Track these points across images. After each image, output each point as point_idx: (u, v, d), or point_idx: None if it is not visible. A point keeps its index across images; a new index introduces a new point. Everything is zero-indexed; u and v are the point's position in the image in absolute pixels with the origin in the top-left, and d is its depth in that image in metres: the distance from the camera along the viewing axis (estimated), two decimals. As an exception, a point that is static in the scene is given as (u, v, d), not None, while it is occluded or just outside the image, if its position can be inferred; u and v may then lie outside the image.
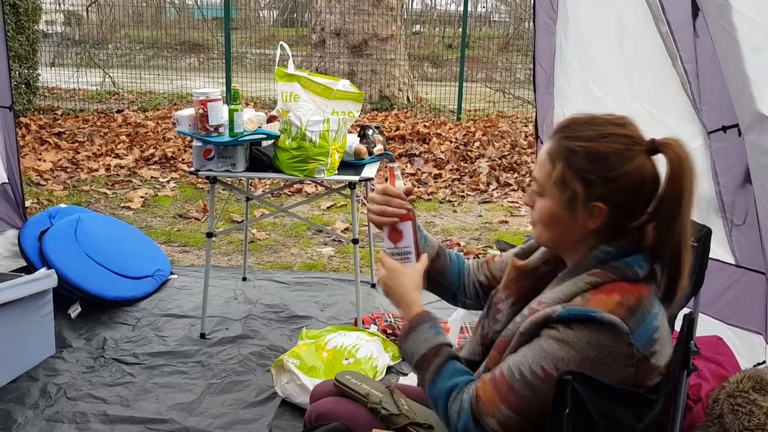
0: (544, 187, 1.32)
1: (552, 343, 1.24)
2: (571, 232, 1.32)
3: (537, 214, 1.36)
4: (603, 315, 1.21)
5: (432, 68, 12.16)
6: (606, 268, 1.28)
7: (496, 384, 1.28)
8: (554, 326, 1.25)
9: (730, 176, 2.27)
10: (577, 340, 1.22)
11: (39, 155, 6.61)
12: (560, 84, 3.24)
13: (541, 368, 1.24)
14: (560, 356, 1.23)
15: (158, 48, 12.13)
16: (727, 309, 2.39)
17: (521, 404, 1.25)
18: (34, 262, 3.40)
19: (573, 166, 1.28)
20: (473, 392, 1.30)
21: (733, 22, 1.90)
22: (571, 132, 1.31)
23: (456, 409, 1.30)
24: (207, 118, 2.89)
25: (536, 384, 1.24)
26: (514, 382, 1.26)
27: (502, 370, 1.29)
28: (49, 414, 2.58)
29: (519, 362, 1.27)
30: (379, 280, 1.46)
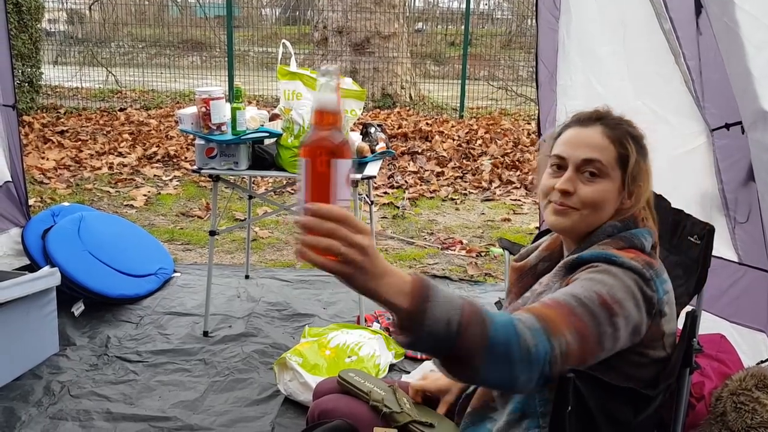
0: (608, 169, 1.34)
1: (596, 274, 1.23)
2: (609, 213, 1.37)
3: (591, 196, 1.34)
4: (624, 259, 1.25)
5: (434, 66, 12.15)
6: (615, 238, 1.34)
7: (555, 309, 1.14)
8: (586, 267, 1.27)
9: (733, 174, 2.27)
10: (618, 272, 1.23)
11: (42, 154, 6.62)
12: (563, 81, 3.23)
13: (597, 294, 1.18)
14: (609, 283, 1.20)
15: (161, 46, 12.14)
16: (730, 307, 2.38)
17: (583, 328, 1.14)
18: (37, 260, 3.41)
19: (638, 148, 1.37)
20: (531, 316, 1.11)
21: (736, 19, 1.89)
22: (621, 120, 1.39)
23: (530, 336, 1.07)
24: (209, 117, 2.89)
25: (593, 308, 1.16)
26: (574, 307, 1.15)
27: (556, 299, 1.17)
28: (52, 412, 2.59)
29: (570, 291, 1.19)
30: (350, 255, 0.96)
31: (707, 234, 1.73)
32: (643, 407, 1.30)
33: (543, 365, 1.07)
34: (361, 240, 0.95)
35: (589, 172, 1.34)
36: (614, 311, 1.17)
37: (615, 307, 1.17)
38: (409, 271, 1.40)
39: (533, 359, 1.06)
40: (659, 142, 1.40)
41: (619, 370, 1.26)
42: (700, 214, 1.92)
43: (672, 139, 2.49)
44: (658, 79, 2.58)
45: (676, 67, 2.43)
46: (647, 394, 1.30)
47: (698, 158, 2.40)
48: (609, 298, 1.17)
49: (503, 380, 1.08)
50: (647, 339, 1.25)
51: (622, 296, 1.19)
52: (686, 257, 1.81)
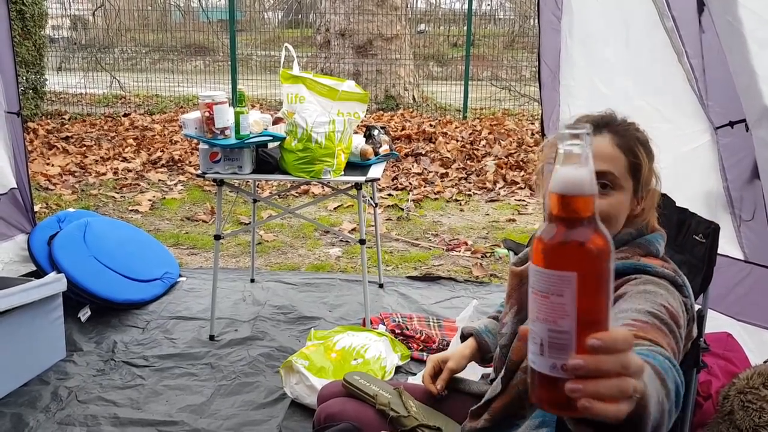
0: (620, 180, 1.30)
1: (648, 286, 1.16)
2: (621, 223, 1.33)
3: (606, 210, 1.28)
4: (658, 269, 1.22)
5: (437, 67, 12.16)
6: (631, 245, 1.32)
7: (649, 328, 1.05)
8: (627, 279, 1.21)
9: (738, 172, 2.26)
10: (659, 281, 1.19)
11: (47, 160, 6.64)
12: (566, 82, 3.23)
13: (663, 306, 1.12)
14: (663, 294, 1.16)
15: (164, 51, 12.18)
16: (736, 305, 2.38)
17: (671, 345, 1.06)
18: (43, 266, 3.42)
19: (647, 153, 1.34)
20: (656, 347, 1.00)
21: (739, 17, 1.89)
22: (626, 125, 1.36)
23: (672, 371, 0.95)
24: (213, 121, 2.90)
25: (667, 321, 1.10)
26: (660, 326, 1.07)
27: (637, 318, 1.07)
28: (60, 417, 2.59)
29: (643, 309, 1.10)
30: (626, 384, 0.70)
31: (712, 232, 1.72)
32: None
33: (681, 395, 0.95)
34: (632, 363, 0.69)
35: (602, 185, 1.29)
36: (679, 322, 1.13)
37: (678, 318, 1.14)
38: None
39: (679, 390, 0.94)
40: (663, 141, 1.39)
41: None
42: (705, 212, 1.92)
43: (676, 138, 2.48)
44: (661, 78, 2.58)
45: (679, 66, 2.43)
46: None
47: (702, 156, 2.40)
48: (672, 309, 1.13)
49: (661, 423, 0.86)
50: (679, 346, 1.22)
51: (677, 307, 1.16)
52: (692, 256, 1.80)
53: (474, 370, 2.59)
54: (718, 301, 2.29)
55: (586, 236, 0.68)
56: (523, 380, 1.33)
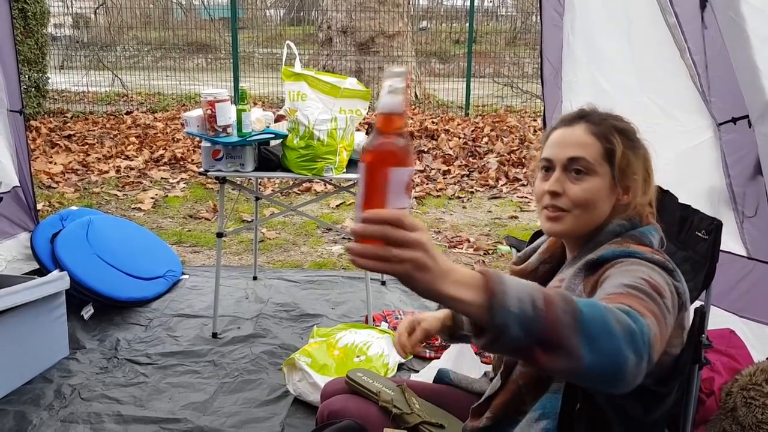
0: (595, 166, 1.32)
1: (628, 266, 1.19)
2: (606, 210, 1.34)
3: (582, 195, 1.32)
4: (647, 254, 1.23)
5: (439, 64, 12.15)
6: (624, 237, 1.32)
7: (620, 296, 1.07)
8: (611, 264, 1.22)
9: (741, 168, 2.26)
10: (644, 263, 1.20)
11: (50, 158, 6.65)
12: (568, 78, 3.22)
13: (643, 279, 1.12)
14: (646, 273, 1.16)
15: (166, 49, 12.18)
16: (739, 301, 2.37)
17: (654, 310, 1.05)
18: (46, 264, 3.42)
19: (626, 141, 1.34)
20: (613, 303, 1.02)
21: (741, 13, 1.89)
22: (607, 115, 1.38)
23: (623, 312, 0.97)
24: (215, 119, 2.90)
25: (650, 293, 1.09)
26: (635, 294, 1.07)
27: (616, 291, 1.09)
28: (63, 415, 2.60)
29: (620, 284, 1.11)
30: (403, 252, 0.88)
31: (715, 229, 1.72)
32: (654, 405, 1.30)
33: (646, 344, 0.94)
34: (416, 237, 0.88)
35: (575, 170, 1.32)
36: (662, 293, 1.11)
37: (661, 290, 1.12)
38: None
39: (635, 335, 0.93)
40: (666, 138, 1.40)
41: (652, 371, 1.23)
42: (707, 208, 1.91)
43: (678, 134, 2.48)
44: (663, 74, 2.57)
45: (681, 62, 2.42)
46: (658, 392, 1.29)
47: (705, 153, 2.39)
48: (655, 282, 1.13)
49: (611, 362, 0.92)
50: (672, 333, 1.20)
51: (662, 282, 1.16)
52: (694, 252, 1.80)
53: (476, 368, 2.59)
54: (720, 297, 2.28)
55: (381, 142, 0.92)
56: (523, 374, 1.33)
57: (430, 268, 0.89)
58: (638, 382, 0.95)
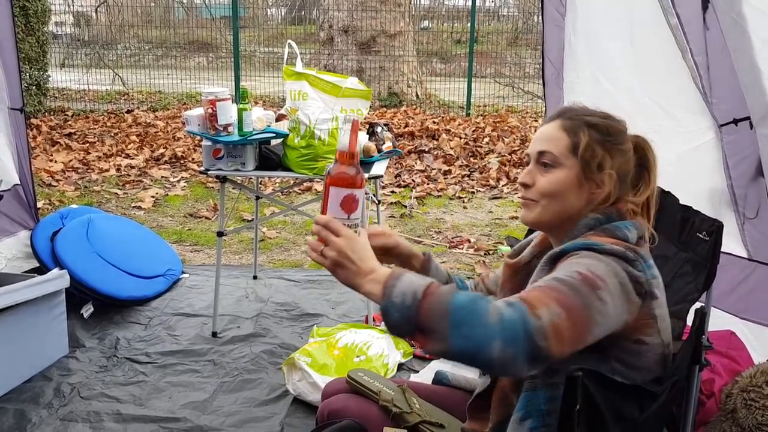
0: (561, 159, 1.37)
1: (576, 258, 1.25)
2: (577, 203, 1.37)
3: (547, 187, 1.37)
4: (605, 245, 1.26)
5: (441, 64, 12.14)
6: (597, 230, 1.34)
7: (538, 288, 1.17)
8: (569, 254, 1.28)
9: (742, 169, 2.25)
10: (596, 255, 1.24)
11: (50, 156, 6.65)
12: (570, 78, 3.22)
13: (577, 272, 1.19)
14: (590, 263, 1.22)
15: (167, 48, 12.19)
16: (740, 303, 2.37)
17: (568, 301, 1.13)
18: (46, 262, 3.42)
19: (595, 137, 1.36)
20: (516, 297, 1.15)
21: (743, 14, 1.89)
22: (581, 111, 1.41)
23: (501, 303, 1.11)
24: (216, 118, 2.89)
25: (576, 285, 1.16)
26: (555, 286, 1.16)
27: (538, 284, 1.20)
28: (63, 413, 2.60)
29: (552, 276, 1.21)
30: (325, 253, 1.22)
31: (716, 230, 1.72)
32: (648, 404, 1.30)
33: (525, 334, 1.06)
34: (337, 241, 1.21)
35: (543, 163, 1.38)
36: (597, 285, 1.17)
37: (597, 282, 1.18)
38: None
39: (506, 324, 1.07)
40: (667, 138, 1.40)
41: (619, 359, 1.26)
42: (708, 210, 1.91)
43: (680, 135, 2.47)
44: (665, 75, 2.57)
45: (683, 63, 2.42)
46: (653, 391, 1.29)
47: (707, 154, 2.39)
48: (590, 274, 1.19)
49: (476, 347, 1.07)
50: (639, 322, 1.26)
51: (603, 273, 1.20)
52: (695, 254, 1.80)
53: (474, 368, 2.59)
54: (721, 299, 2.28)
55: (334, 167, 1.29)
56: None
57: (347, 267, 1.21)
58: (523, 366, 1.08)
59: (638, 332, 1.26)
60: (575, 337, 1.13)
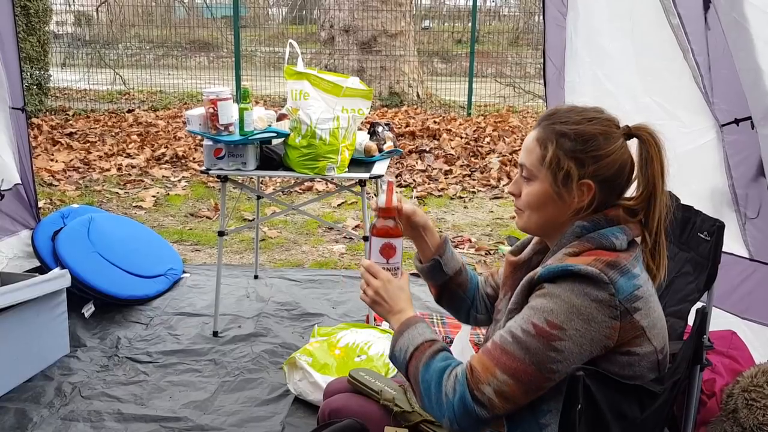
0: (534, 171, 1.37)
1: (538, 299, 1.27)
2: (560, 213, 1.37)
3: (526, 199, 1.39)
4: (580, 267, 1.25)
5: (442, 64, 12.13)
6: (583, 239, 1.33)
7: (489, 352, 1.28)
8: (539, 286, 1.29)
9: (743, 169, 2.25)
10: (561, 291, 1.24)
11: (51, 156, 6.66)
12: (571, 78, 3.22)
13: (532, 324, 1.24)
14: (548, 308, 1.24)
15: (168, 47, 12.19)
16: (741, 303, 2.37)
17: (516, 366, 1.23)
18: (47, 262, 3.42)
19: (565, 147, 1.34)
20: (467, 364, 1.29)
21: (745, 15, 1.88)
22: (558, 118, 1.38)
23: (451, 384, 1.28)
24: (217, 117, 2.90)
25: (529, 342, 1.23)
26: (507, 344, 1.25)
27: (494, 338, 1.29)
28: (64, 413, 2.60)
29: (510, 326, 1.28)
30: (366, 292, 1.45)
31: (717, 230, 1.72)
32: (648, 403, 1.30)
33: (466, 411, 1.25)
34: (374, 283, 1.44)
35: (524, 176, 1.40)
36: (553, 337, 1.22)
37: (554, 332, 1.22)
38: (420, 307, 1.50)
39: (451, 404, 1.27)
40: (668, 139, 1.39)
41: (610, 371, 1.26)
42: (710, 210, 1.91)
43: (681, 135, 2.47)
44: (666, 75, 2.57)
45: (684, 63, 2.42)
46: (653, 391, 1.29)
47: (708, 154, 2.39)
48: (546, 324, 1.22)
49: (435, 414, 1.32)
50: (624, 339, 1.25)
51: (563, 319, 1.22)
52: (696, 254, 1.80)
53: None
54: (722, 299, 2.28)
55: (376, 221, 1.48)
56: None
57: (381, 305, 1.44)
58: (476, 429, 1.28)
59: (626, 345, 1.26)
60: (526, 394, 1.25)
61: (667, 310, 1.87)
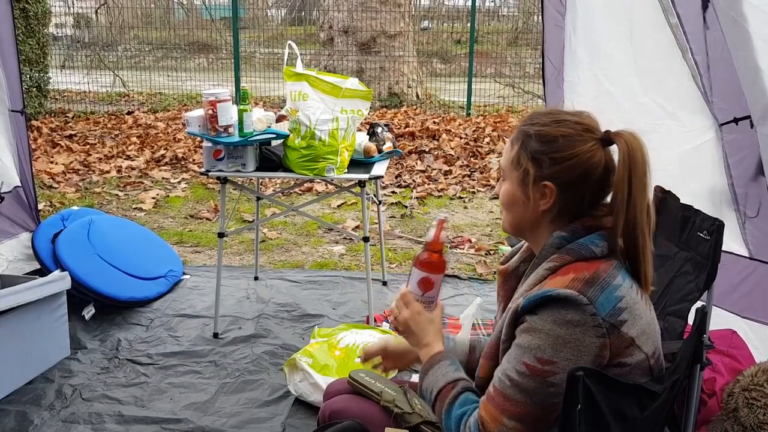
0: (506, 171, 1.42)
1: (524, 336, 1.28)
2: (527, 213, 1.40)
3: (501, 198, 1.44)
4: (558, 291, 1.25)
5: (441, 64, 12.14)
6: (562, 251, 1.33)
7: (492, 400, 1.30)
8: (522, 319, 1.30)
9: (743, 168, 2.25)
10: (543, 323, 1.25)
11: (51, 158, 6.65)
12: (570, 78, 3.22)
13: (524, 365, 1.26)
14: (535, 345, 1.25)
15: (167, 49, 12.19)
16: (741, 302, 2.37)
17: (520, 410, 1.26)
18: (47, 264, 3.42)
19: (526, 147, 1.37)
20: (477, 415, 1.32)
21: (744, 14, 1.89)
22: (530, 120, 1.40)
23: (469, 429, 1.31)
24: (216, 119, 2.90)
25: (525, 383, 1.26)
26: (507, 389, 1.28)
27: (494, 383, 1.32)
28: (65, 415, 2.60)
29: (505, 369, 1.30)
30: (397, 319, 1.49)
31: (717, 229, 1.72)
32: (648, 403, 1.30)
33: None
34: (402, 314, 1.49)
35: (500, 175, 1.47)
36: (546, 372, 1.24)
37: (547, 368, 1.24)
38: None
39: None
40: (667, 138, 1.39)
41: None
42: (709, 209, 1.91)
43: (680, 135, 2.47)
44: (665, 75, 2.57)
45: (683, 62, 2.42)
46: (653, 390, 1.29)
47: (707, 153, 2.39)
48: (537, 362, 1.25)
49: None
50: (615, 353, 1.26)
51: (551, 353, 1.24)
52: (696, 253, 1.80)
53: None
54: (722, 298, 2.28)
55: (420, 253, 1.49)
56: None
57: (409, 335, 1.49)
58: None
59: (618, 357, 1.26)
60: (536, 430, 1.28)
61: (667, 309, 1.88)
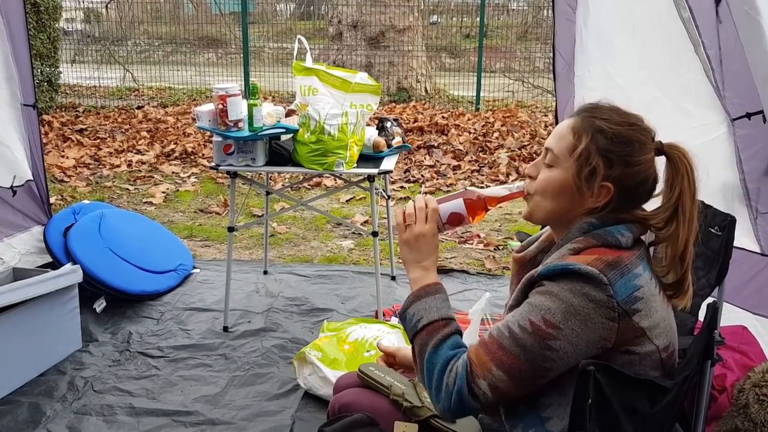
0: (559, 159, 1.35)
1: (538, 297, 1.27)
2: (572, 206, 1.36)
3: (541, 184, 1.37)
4: (581, 266, 1.24)
5: (450, 59, 12.10)
6: (588, 235, 1.32)
7: (486, 345, 1.28)
8: (539, 283, 1.29)
9: (755, 163, 2.24)
10: (560, 290, 1.24)
11: (62, 152, 6.69)
12: (581, 73, 3.21)
13: (529, 321, 1.25)
14: (546, 306, 1.24)
15: (177, 44, 12.21)
16: (752, 298, 2.36)
17: (510, 362, 1.25)
18: (59, 257, 3.45)
19: (599, 143, 1.32)
20: (466, 357, 1.29)
21: (757, 7, 1.88)
22: (600, 113, 1.35)
23: (452, 377, 1.28)
24: (226, 113, 2.90)
25: (524, 339, 1.24)
26: (503, 339, 1.26)
27: (491, 332, 1.30)
28: (77, 407, 2.62)
29: (508, 320, 1.29)
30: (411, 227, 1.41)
31: (728, 225, 1.71)
32: (659, 398, 1.30)
33: (460, 401, 1.26)
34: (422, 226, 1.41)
35: (546, 161, 1.37)
36: (548, 335, 1.23)
37: (550, 331, 1.23)
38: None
39: (448, 392, 1.27)
40: (679, 133, 1.39)
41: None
42: (721, 204, 1.90)
43: (692, 130, 2.46)
44: (677, 69, 2.56)
45: (695, 57, 2.41)
46: (664, 386, 1.29)
47: (719, 148, 2.38)
48: (543, 323, 1.23)
49: (431, 392, 1.32)
50: (623, 340, 1.25)
51: (560, 318, 1.23)
52: (707, 248, 1.79)
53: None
54: (733, 294, 2.27)
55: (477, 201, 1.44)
56: None
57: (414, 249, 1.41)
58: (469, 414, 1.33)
59: (626, 345, 1.26)
60: (519, 389, 1.27)
61: (678, 305, 1.87)
